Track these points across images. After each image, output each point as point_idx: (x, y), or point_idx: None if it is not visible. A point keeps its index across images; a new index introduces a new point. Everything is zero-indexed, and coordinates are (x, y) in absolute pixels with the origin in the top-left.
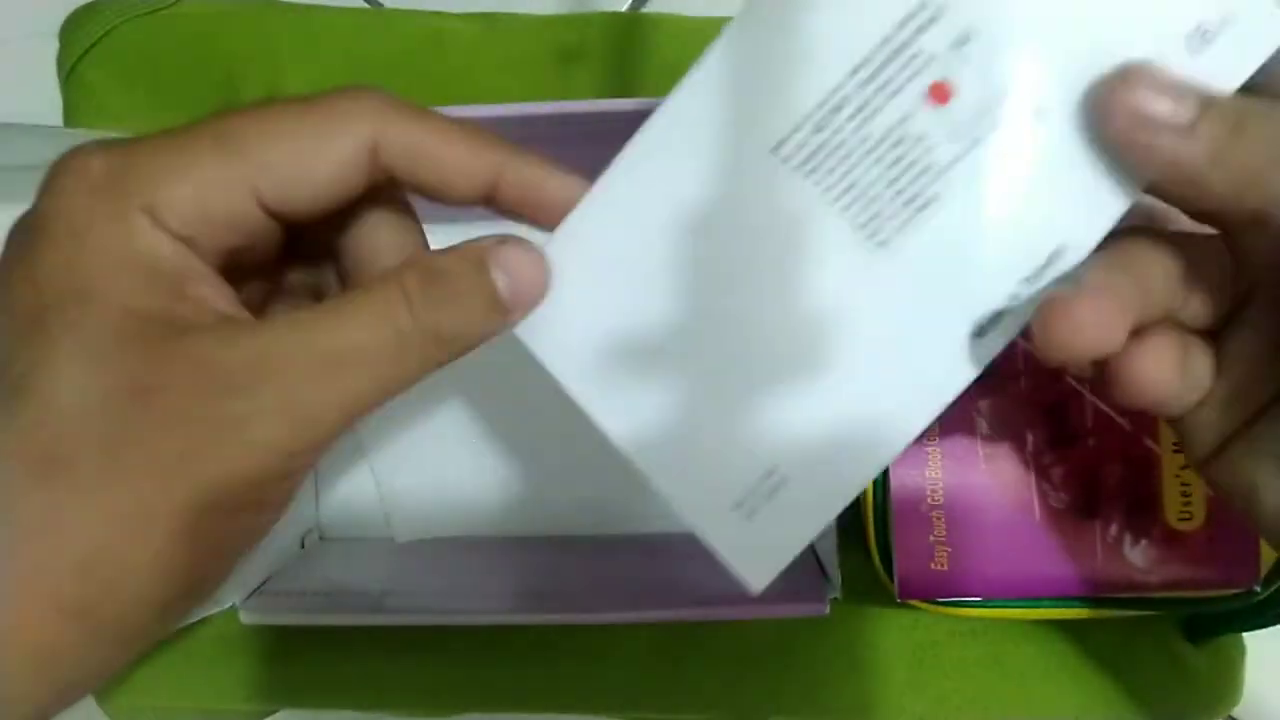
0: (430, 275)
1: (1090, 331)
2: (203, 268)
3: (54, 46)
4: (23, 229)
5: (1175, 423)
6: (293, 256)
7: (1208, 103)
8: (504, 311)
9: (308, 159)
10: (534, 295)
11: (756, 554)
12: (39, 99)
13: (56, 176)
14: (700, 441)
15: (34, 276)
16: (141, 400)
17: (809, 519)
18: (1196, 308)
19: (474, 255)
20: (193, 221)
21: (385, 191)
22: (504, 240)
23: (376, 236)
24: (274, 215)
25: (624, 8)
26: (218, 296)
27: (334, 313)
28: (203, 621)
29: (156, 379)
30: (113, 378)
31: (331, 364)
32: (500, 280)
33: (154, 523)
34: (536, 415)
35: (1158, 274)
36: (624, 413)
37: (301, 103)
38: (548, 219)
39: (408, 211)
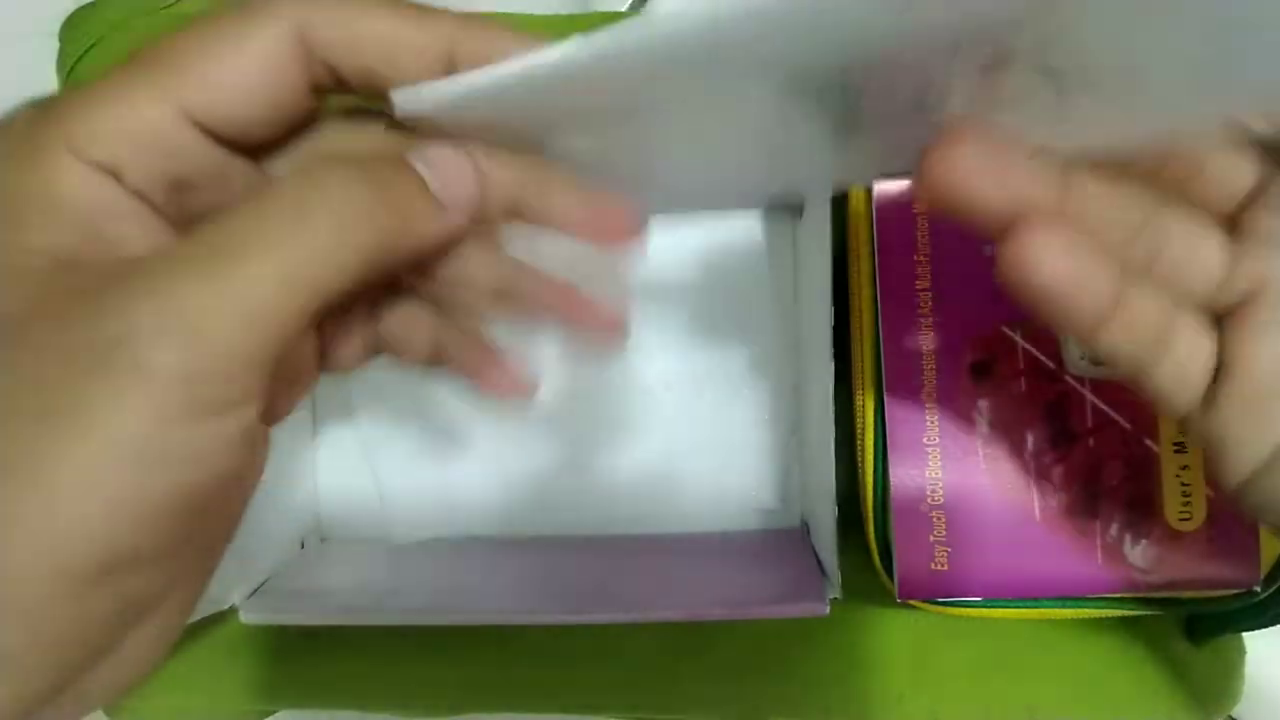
0: (338, 154)
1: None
2: (127, 202)
3: (54, 46)
4: None
5: (1201, 442)
6: None
7: None
8: (436, 208)
9: (228, 60)
10: (468, 198)
11: None
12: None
13: None
14: None
15: None
16: (14, 338)
17: None
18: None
19: (391, 152)
20: (117, 148)
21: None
22: (431, 142)
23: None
24: (214, 135)
25: (624, 7)
26: (140, 233)
27: (230, 210)
28: (202, 622)
29: (33, 313)
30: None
31: (225, 260)
32: (425, 171)
33: (39, 476)
34: (537, 416)
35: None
36: None
37: (220, 12)
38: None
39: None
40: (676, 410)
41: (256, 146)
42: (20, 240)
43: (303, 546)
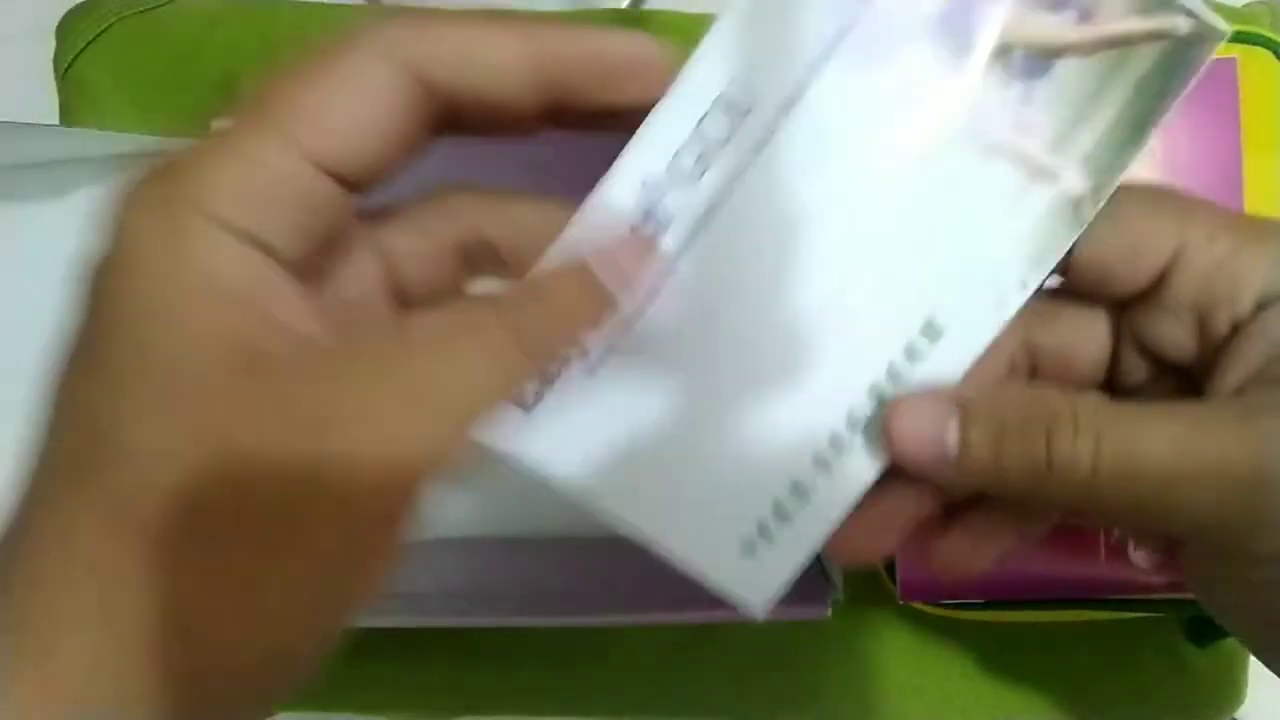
0: (528, 293)
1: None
2: (277, 276)
3: (50, 44)
4: (95, 272)
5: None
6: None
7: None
8: (612, 306)
9: (349, 102)
10: (640, 279)
11: (760, 582)
12: (35, 97)
13: (116, 211)
14: (690, 479)
15: (103, 326)
16: (229, 460)
17: (807, 543)
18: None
19: (574, 264)
20: (255, 207)
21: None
22: (610, 244)
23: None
24: (339, 178)
25: (624, 4)
26: (296, 313)
27: (425, 348)
28: None
29: (242, 425)
30: (196, 428)
31: (418, 395)
32: (605, 273)
33: (263, 598)
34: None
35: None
36: (578, 456)
37: (320, 50)
38: (623, 93)
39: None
40: None
41: (369, 182)
42: (202, 334)
43: None
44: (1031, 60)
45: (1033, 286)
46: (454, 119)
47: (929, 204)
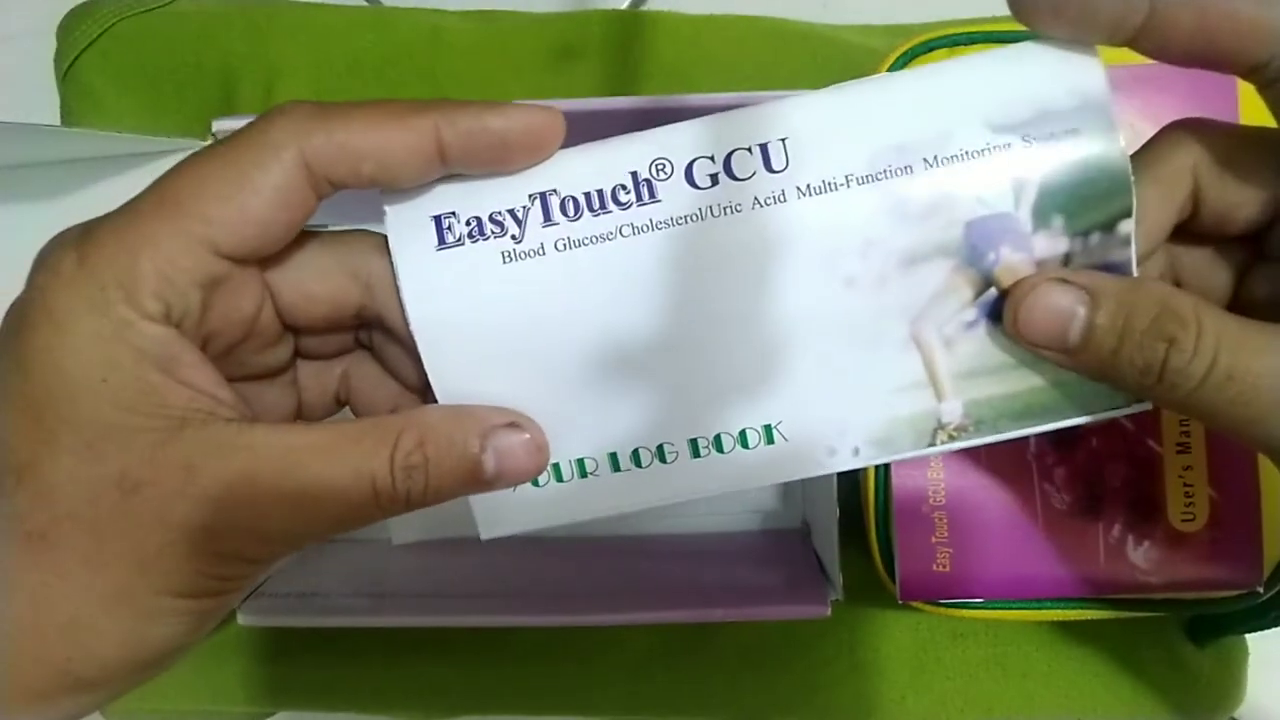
0: (422, 442)
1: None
2: (187, 347)
3: (51, 45)
4: (13, 315)
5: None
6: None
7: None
8: (482, 487)
9: (244, 196)
10: (518, 479)
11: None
12: (36, 97)
13: (35, 269)
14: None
15: (25, 366)
16: (129, 496)
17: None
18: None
19: (473, 430)
20: (163, 291)
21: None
22: (509, 423)
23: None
24: (239, 262)
25: (624, 5)
26: (205, 380)
27: (321, 453)
28: None
29: (144, 476)
30: (104, 469)
31: (307, 501)
32: (489, 463)
33: (128, 605)
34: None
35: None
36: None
37: (226, 144)
38: (507, 159)
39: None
40: None
41: (263, 257)
42: (121, 398)
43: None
44: (996, 304)
45: (859, 462)
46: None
47: (838, 331)
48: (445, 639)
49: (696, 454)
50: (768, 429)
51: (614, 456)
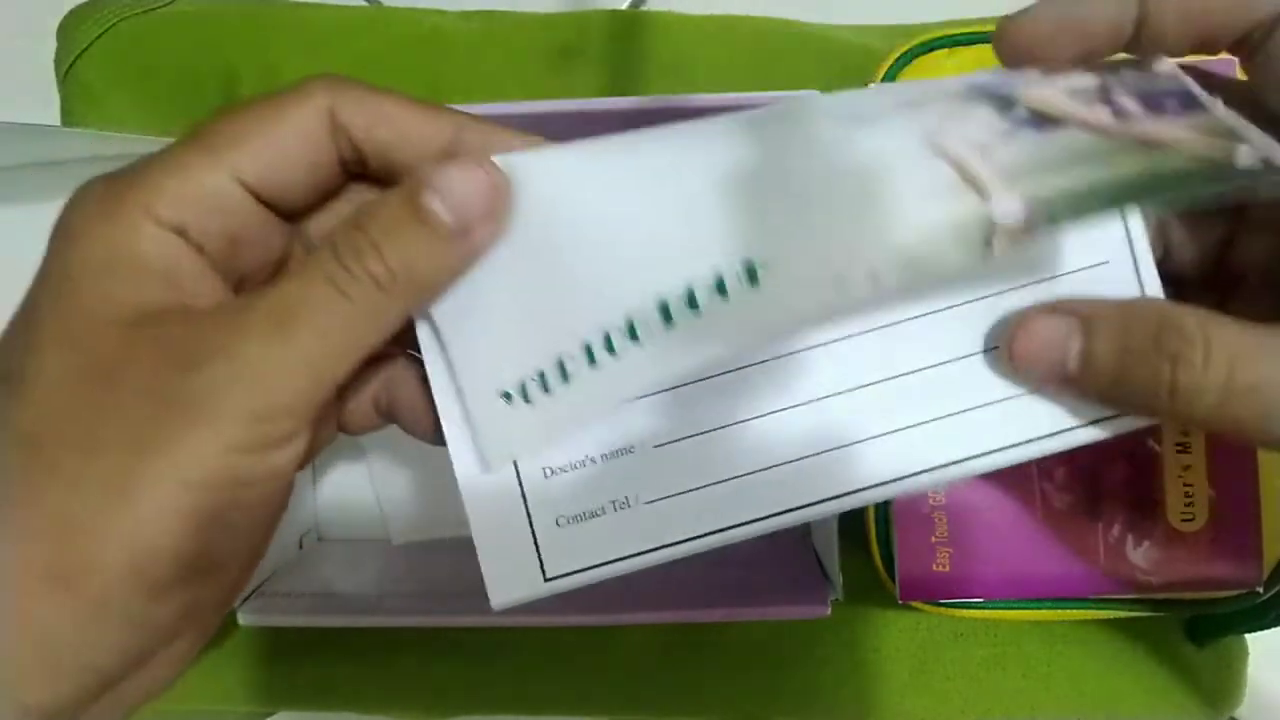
0: (356, 219)
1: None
2: (194, 260)
3: (51, 45)
4: (45, 253)
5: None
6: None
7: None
8: (451, 237)
9: (274, 133)
10: (485, 209)
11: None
12: (36, 97)
13: (66, 206)
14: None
15: (38, 281)
16: (110, 379)
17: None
18: None
19: (404, 188)
20: (184, 210)
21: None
22: (442, 162)
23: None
24: (263, 200)
25: (624, 5)
26: (205, 289)
27: (279, 279)
28: None
29: (125, 359)
30: (86, 359)
31: (279, 326)
32: (436, 203)
33: (128, 494)
34: None
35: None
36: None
37: (263, 94)
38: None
39: None
40: None
41: (295, 210)
42: (110, 291)
43: (301, 547)
44: (1033, 117)
45: (878, 285)
46: (367, 168)
47: (850, 152)
48: (445, 639)
49: (669, 320)
50: (749, 268)
51: (589, 347)
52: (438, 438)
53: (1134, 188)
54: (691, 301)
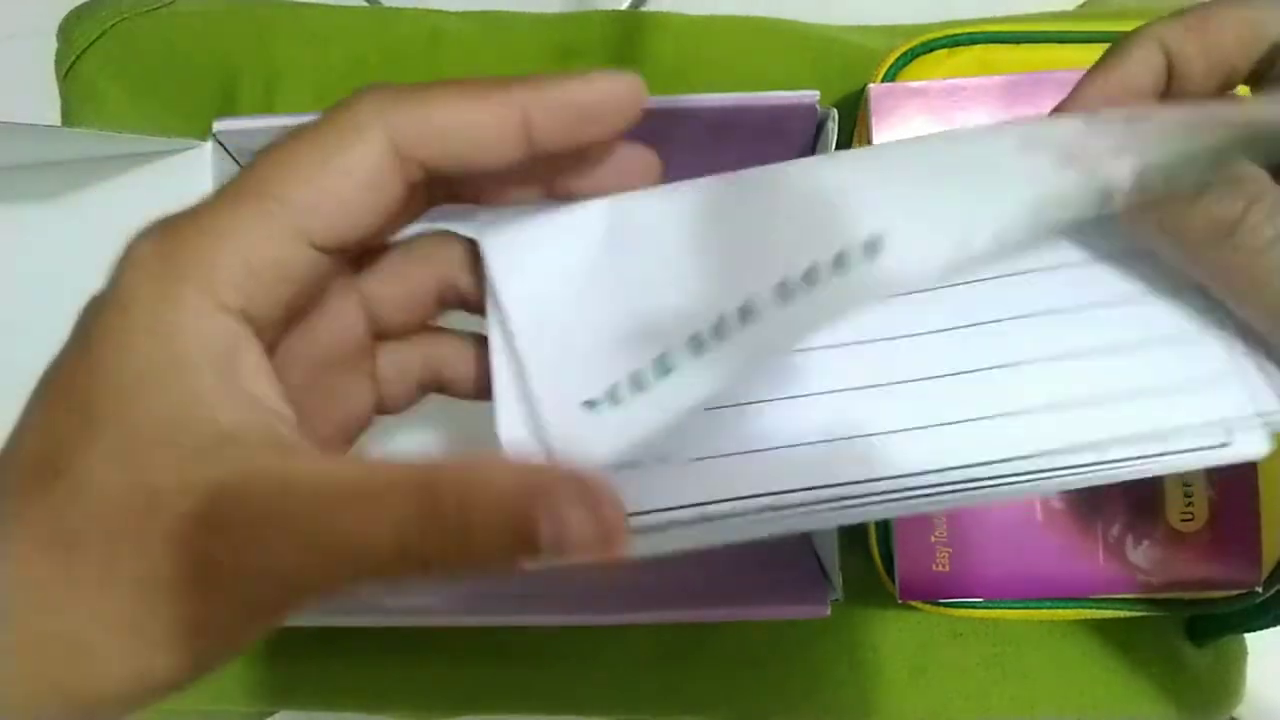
0: (463, 502)
1: None
2: (253, 347)
3: (52, 45)
4: (90, 305)
5: None
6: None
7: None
8: (535, 558)
9: (331, 179)
10: (579, 553)
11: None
12: (37, 97)
13: (117, 261)
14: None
15: (88, 355)
16: (150, 513)
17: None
18: None
19: (526, 491)
20: (246, 286)
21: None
22: (572, 478)
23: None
24: (326, 250)
25: (624, 5)
26: (263, 389)
27: (346, 500)
28: None
29: (168, 493)
30: (134, 479)
31: (328, 550)
32: (547, 531)
33: (133, 636)
34: None
35: None
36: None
37: (310, 128)
38: (594, 133)
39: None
40: None
41: (358, 249)
42: (166, 403)
43: None
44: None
45: (999, 241)
46: (445, 188)
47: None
48: (445, 639)
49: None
50: (871, 241)
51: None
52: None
53: (1225, 149)
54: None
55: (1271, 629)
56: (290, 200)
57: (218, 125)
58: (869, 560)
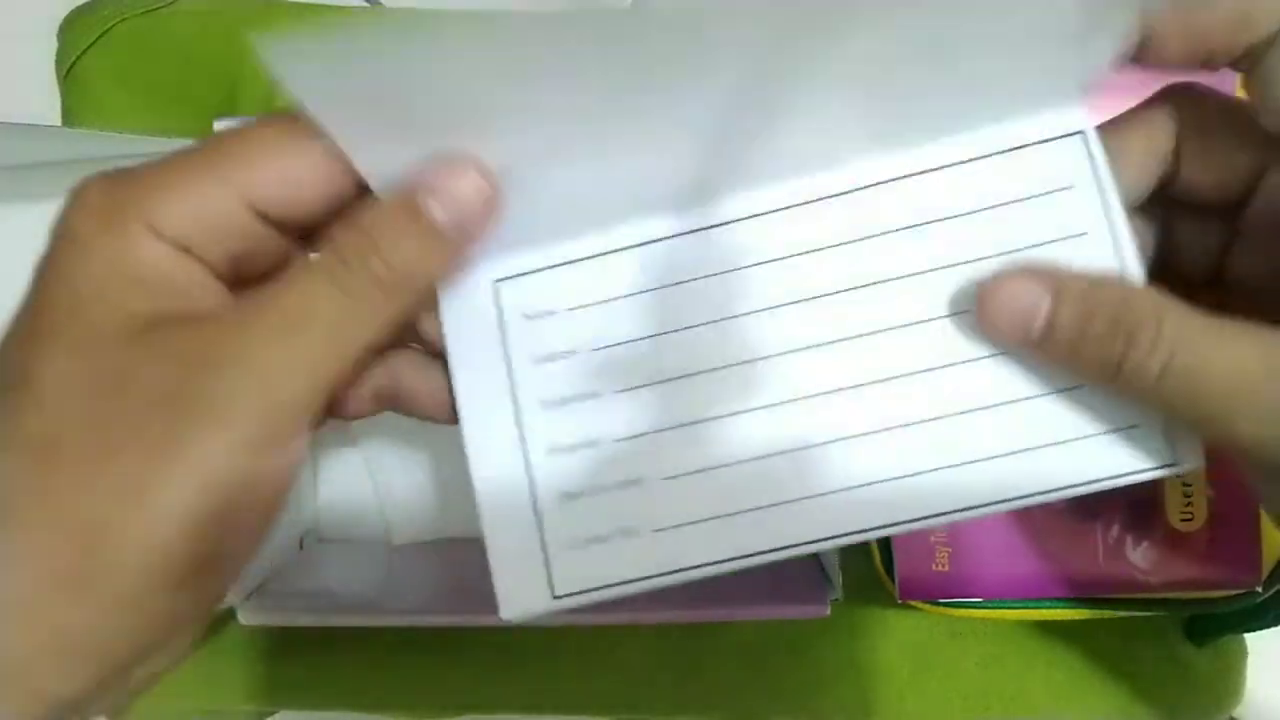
0: (356, 221)
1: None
2: (199, 272)
3: (52, 45)
4: (43, 259)
5: None
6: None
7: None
8: (449, 238)
9: (292, 169)
10: (481, 216)
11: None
12: (37, 97)
13: (65, 205)
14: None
15: (41, 288)
16: (121, 386)
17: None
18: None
19: (401, 191)
20: (187, 225)
21: None
22: (441, 164)
23: None
24: (273, 223)
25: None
26: (208, 297)
27: (282, 280)
28: None
29: (135, 367)
30: (97, 367)
31: (288, 329)
32: (434, 208)
33: (144, 496)
34: None
35: None
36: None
37: (286, 117)
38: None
39: None
40: None
41: (308, 228)
42: (117, 303)
43: (301, 547)
44: None
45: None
46: None
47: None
48: (445, 639)
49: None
50: None
51: None
52: (452, 416)
53: None
54: None
55: (1271, 629)
56: (237, 161)
57: (218, 125)
58: (869, 560)
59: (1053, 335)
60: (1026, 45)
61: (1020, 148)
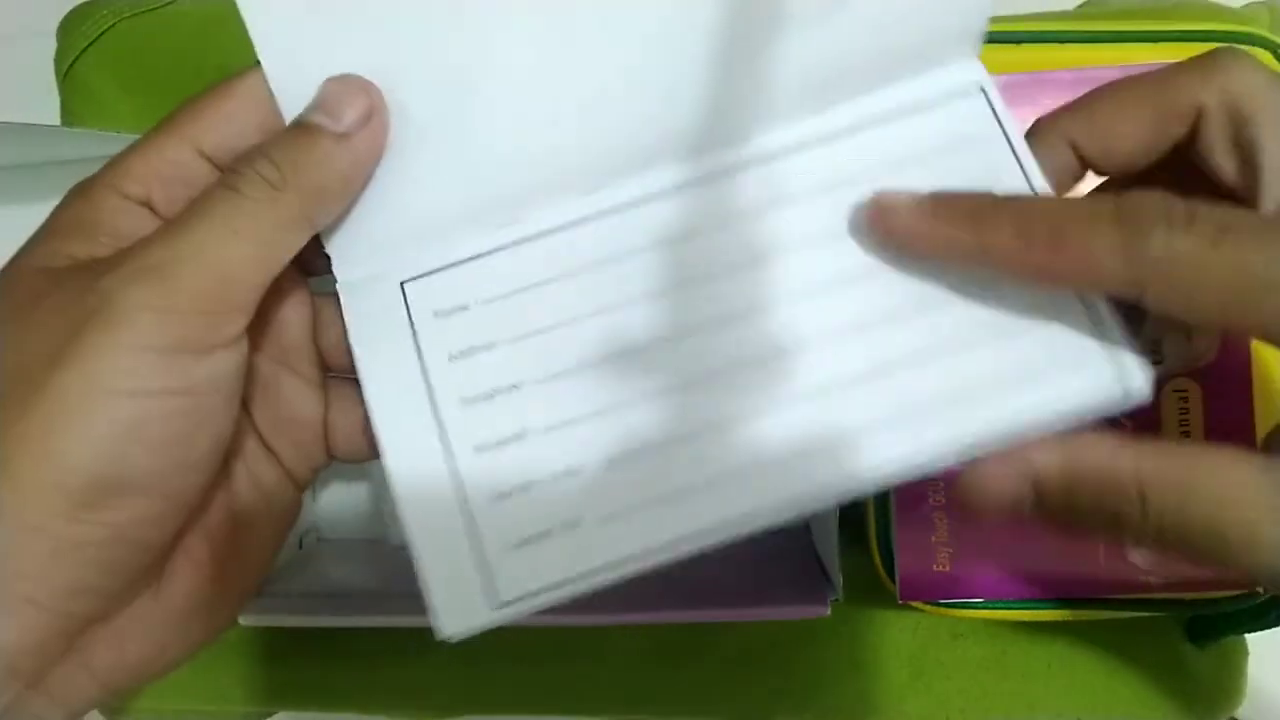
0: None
1: None
2: (150, 220)
3: (51, 45)
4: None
5: None
6: None
7: None
8: (333, 138)
9: (233, 105)
10: (360, 112)
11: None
12: (36, 98)
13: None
14: None
15: (22, 264)
16: (33, 308)
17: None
18: None
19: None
20: (147, 180)
21: None
22: (332, 83)
23: None
24: (223, 168)
25: None
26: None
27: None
28: None
29: (49, 292)
30: (15, 299)
31: (179, 225)
32: (317, 114)
33: (43, 407)
34: None
35: None
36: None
37: (234, 76)
38: None
39: None
40: None
41: None
42: (54, 248)
43: (300, 546)
44: None
45: None
46: None
47: None
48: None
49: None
50: None
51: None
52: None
53: None
54: None
55: (1272, 629)
56: (187, 115)
57: None
58: (869, 560)
59: (1047, 512)
60: None
61: (926, 104)
